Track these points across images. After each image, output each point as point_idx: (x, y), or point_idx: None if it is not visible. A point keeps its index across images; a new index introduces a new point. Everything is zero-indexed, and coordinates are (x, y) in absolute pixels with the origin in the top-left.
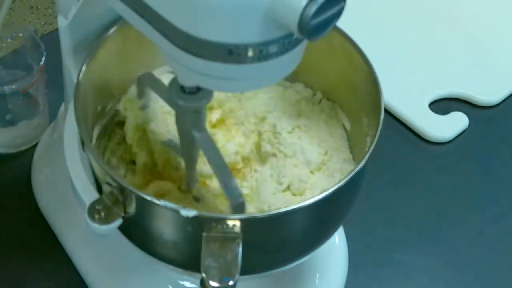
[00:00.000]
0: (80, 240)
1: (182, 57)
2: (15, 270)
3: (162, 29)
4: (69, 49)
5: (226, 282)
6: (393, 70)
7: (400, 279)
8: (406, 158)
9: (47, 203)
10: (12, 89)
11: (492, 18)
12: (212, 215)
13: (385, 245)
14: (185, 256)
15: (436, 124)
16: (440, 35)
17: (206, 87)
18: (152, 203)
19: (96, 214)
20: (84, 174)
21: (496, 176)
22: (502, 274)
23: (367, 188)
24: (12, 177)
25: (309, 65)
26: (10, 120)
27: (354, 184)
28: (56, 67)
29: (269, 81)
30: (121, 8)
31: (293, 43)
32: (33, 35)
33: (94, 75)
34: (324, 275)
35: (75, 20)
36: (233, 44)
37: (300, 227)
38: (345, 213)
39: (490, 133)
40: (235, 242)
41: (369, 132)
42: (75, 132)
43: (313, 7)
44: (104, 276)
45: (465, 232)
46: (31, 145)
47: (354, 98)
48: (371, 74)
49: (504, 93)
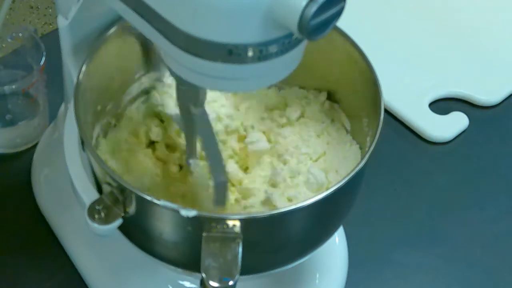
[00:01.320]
0: (80, 240)
1: (182, 57)
2: (15, 270)
3: (162, 29)
4: (69, 49)
5: (226, 282)
6: (393, 70)
7: (400, 279)
8: (406, 158)
9: (47, 203)
10: (12, 89)
11: (492, 18)
12: (212, 215)
13: (385, 245)
14: (185, 256)
15: (436, 124)
16: (440, 35)
17: (206, 87)
18: (152, 203)
19: (96, 214)
20: (84, 174)
21: (496, 176)
22: (502, 274)
23: (367, 188)
24: (12, 177)
25: (309, 65)
26: (10, 120)
27: (354, 184)
28: (56, 67)
29: (269, 81)
30: (121, 8)
31: (293, 43)
32: (33, 35)
33: (94, 75)
34: (324, 275)
35: (75, 20)
36: (233, 44)
37: (300, 227)
38: (345, 213)
39: (490, 133)
40: (235, 242)
41: (369, 132)
42: (75, 132)
43: (313, 7)
44: (104, 276)
45: (465, 232)
46: (31, 145)
47: (354, 98)
48: (371, 74)
49: (504, 93)
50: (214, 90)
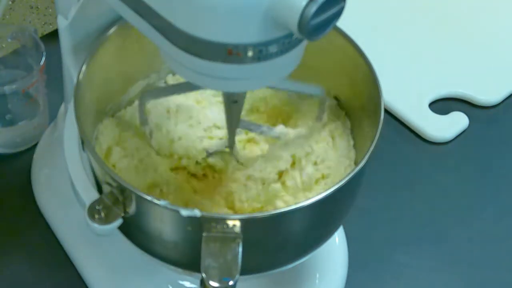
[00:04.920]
0: (80, 240)
1: (182, 57)
2: (15, 270)
3: (162, 29)
4: (69, 49)
5: (226, 282)
6: (393, 70)
7: (400, 279)
8: (406, 158)
9: (47, 203)
10: (12, 89)
11: (492, 18)
12: (212, 215)
13: (385, 245)
14: (185, 256)
15: (436, 124)
16: (440, 35)
17: (206, 87)
18: (152, 203)
19: (96, 214)
20: (84, 174)
21: (496, 176)
22: (502, 274)
23: (367, 188)
24: (12, 177)
25: (309, 65)
26: (10, 120)
27: (354, 184)
28: (56, 67)
29: (269, 81)
30: (121, 8)
31: (293, 43)
32: (33, 35)
33: (94, 75)
34: (324, 275)
35: (75, 20)
36: (233, 44)
37: (300, 227)
38: (345, 213)
39: (490, 133)
40: (235, 242)
41: (369, 132)
42: (75, 132)
43: (313, 7)
44: (104, 276)
45: (465, 232)
46: (31, 145)
47: (354, 98)
48: (371, 74)
49: (504, 93)
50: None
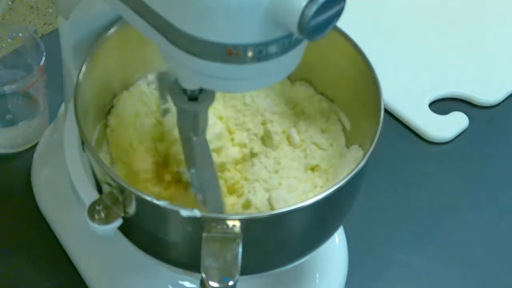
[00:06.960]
0: (80, 240)
1: (182, 57)
2: (15, 270)
3: (162, 29)
4: (69, 49)
5: (226, 282)
6: (393, 70)
7: (400, 279)
8: (406, 158)
9: (47, 203)
10: (12, 89)
11: (492, 18)
12: (212, 215)
13: (385, 245)
14: (185, 256)
15: (436, 124)
16: (440, 35)
17: (206, 87)
18: (152, 203)
19: (96, 214)
20: (84, 174)
21: (496, 176)
22: (502, 274)
23: (367, 188)
24: (12, 177)
25: (309, 65)
26: (10, 120)
27: (354, 184)
28: (56, 67)
29: (269, 81)
30: (121, 8)
31: (293, 43)
32: (33, 35)
33: (94, 75)
34: (324, 275)
35: (75, 20)
36: (232, 44)
37: (300, 227)
38: (345, 213)
39: (490, 133)
40: (235, 242)
41: (369, 132)
42: (75, 132)
43: (313, 7)
44: (104, 276)
45: (465, 232)
46: (31, 145)
47: (354, 98)
48: (371, 74)
49: (504, 93)
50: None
